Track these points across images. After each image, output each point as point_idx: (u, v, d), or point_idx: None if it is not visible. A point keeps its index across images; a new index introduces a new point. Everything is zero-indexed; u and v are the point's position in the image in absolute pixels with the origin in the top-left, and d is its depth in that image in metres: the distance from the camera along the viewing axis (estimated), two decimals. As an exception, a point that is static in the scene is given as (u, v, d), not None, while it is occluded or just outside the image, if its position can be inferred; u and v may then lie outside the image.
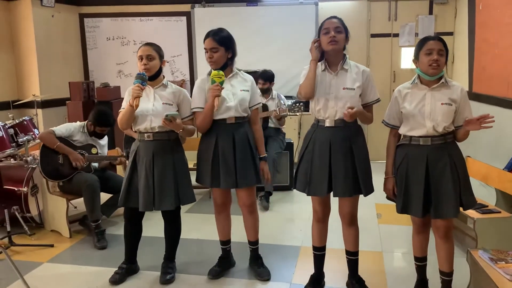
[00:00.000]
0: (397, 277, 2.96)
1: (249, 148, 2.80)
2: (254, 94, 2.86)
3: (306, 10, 6.18)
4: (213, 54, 2.72)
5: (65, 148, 3.69)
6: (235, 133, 2.77)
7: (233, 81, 2.81)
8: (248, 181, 2.80)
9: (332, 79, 2.53)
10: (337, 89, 2.50)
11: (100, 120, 3.80)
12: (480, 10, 5.02)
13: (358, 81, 2.50)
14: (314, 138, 2.59)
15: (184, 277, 3.01)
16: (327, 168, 2.52)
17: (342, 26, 2.49)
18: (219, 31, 2.75)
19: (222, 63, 2.75)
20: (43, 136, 3.72)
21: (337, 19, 2.51)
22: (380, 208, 4.28)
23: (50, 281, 3.01)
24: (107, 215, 3.90)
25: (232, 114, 2.76)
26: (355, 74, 2.52)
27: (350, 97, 2.48)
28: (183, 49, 6.55)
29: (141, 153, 2.82)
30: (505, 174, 3.23)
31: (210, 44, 2.72)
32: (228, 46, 2.74)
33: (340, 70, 2.53)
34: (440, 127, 2.34)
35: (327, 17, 2.55)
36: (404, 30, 6.20)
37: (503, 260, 2.29)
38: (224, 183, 2.79)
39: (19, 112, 5.80)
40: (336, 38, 2.45)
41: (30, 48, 5.88)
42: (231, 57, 2.79)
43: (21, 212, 3.79)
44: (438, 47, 2.32)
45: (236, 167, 2.76)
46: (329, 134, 2.53)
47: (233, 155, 2.76)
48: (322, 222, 2.72)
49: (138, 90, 2.65)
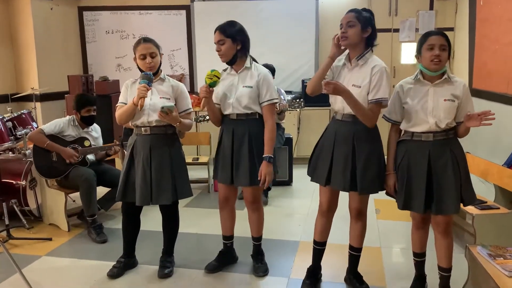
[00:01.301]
0: (396, 273, 2.96)
1: (247, 148, 2.72)
2: (263, 89, 2.71)
3: (306, 4, 6.14)
4: (220, 46, 2.69)
5: (56, 146, 3.66)
6: (235, 130, 2.76)
7: (242, 77, 2.76)
8: (240, 180, 2.76)
9: (347, 73, 2.48)
10: (348, 85, 2.41)
11: (80, 101, 3.75)
12: (481, 6, 5.00)
13: (366, 78, 2.41)
14: (328, 129, 2.61)
15: (182, 271, 3.01)
16: (329, 160, 2.52)
17: (357, 18, 2.39)
18: (227, 24, 2.72)
19: (231, 56, 2.71)
20: (32, 136, 3.69)
21: (352, 12, 2.44)
22: (379, 203, 4.28)
23: (48, 275, 3.00)
24: (105, 209, 3.90)
25: (231, 110, 2.75)
26: (368, 70, 2.41)
27: (356, 94, 2.38)
28: (182, 43, 6.51)
29: (138, 147, 2.81)
30: (505, 170, 3.23)
31: (217, 37, 2.70)
32: (235, 37, 2.69)
33: (354, 66, 2.46)
34: (442, 123, 2.33)
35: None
36: (405, 26, 6.18)
37: (501, 256, 2.29)
38: (221, 178, 2.82)
39: (18, 105, 5.78)
40: (346, 33, 2.40)
41: (28, 41, 5.85)
42: (241, 49, 2.72)
43: (20, 205, 3.78)
44: (440, 42, 2.29)
45: (232, 164, 2.75)
46: (337, 127, 2.53)
47: (231, 152, 2.76)
48: (326, 217, 2.68)
49: (144, 91, 2.62)
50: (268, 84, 2.73)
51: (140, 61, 2.74)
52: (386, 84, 2.40)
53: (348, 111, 2.45)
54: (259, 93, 2.73)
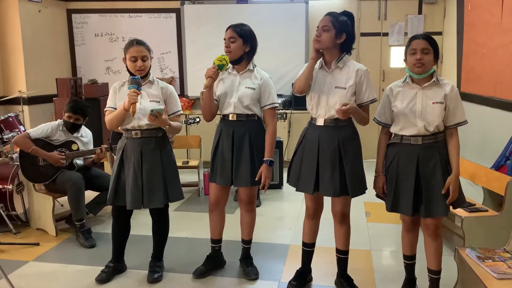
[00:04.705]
0: (386, 276, 2.96)
1: (248, 148, 2.74)
2: (265, 93, 2.75)
3: (296, 8, 6.17)
4: (231, 43, 2.70)
5: (41, 151, 3.59)
6: (235, 131, 2.75)
7: (243, 78, 2.77)
8: (241, 181, 2.77)
9: (327, 76, 2.51)
10: (330, 87, 2.48)
11: (67, 105, 3.72)
12: (468, 10, 5.06)
13: (351, 80, 2.46)
14: (307, 136, 2.60)
15: (172, 275, 2.99)
16: (314, 166, 2.52)
17: (332, 23, 2.43)
18: (241, 24, 2.75)
19: (238, 56, 2.73)
20: (17, 140, 3.62)
21: (329, 15, 2.47)
22: (369, 206, 4.29)
23: (35, 280, 2.96)
24: (94, 213, 3.85)
25: (232, 110, 2.74)
26: (350, 73, 2.47)
27: (341, 96, 2.45)
28: (172, 46, 6.49)
29: (128, 151, 2.78)
30: (492, 173, 3.26)
31: (229, 33, 2.71)
32: (246, 39, 2.72)
33: (334, 68, 2.50)
34: (431, 127, 2.34)
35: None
36: (394, 30, 6.23)
37: (490, 258, 2.31)
38: (220, 179, 2.80)
39: (5, 108, 5.70)
40: (320, 37, 2.44)
41: (16, 43, 5.78)
42: (249, 52, 2.75)
43: (6, 210, 3.72)
44: (422, 46, 2.31)
45: (233, 165, 2.75)
46: (319, 133, 2.53)
47: (231, 153, 2.75)
48: (313, 219, 2.72)
49: (134, 96, 2.58)
50: (270, 88, 2.78)
51: (130, 63, 2.71)
52: (372, 84, 2.53)
53: (330, 115, 2.48)
54: (261, 96, 2.76)
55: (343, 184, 2.48)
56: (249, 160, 2.74)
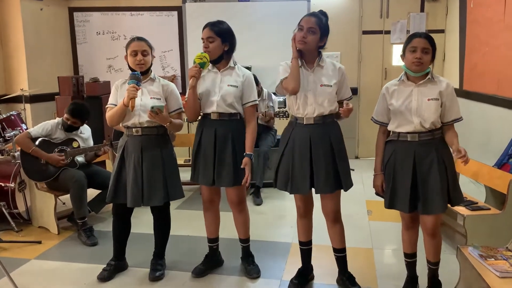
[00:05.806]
0: (388, 274, 2.96)
1: (231, 148, 2.71)
2: (247, 90, 2.75)
3: (298, 6, 6.14)
4: (209, 44, 2.68)
5: (41, 152, 3.59)
6: (217, 130, 2.72)
7: (225, 75, 2.76)
8: (223, 181, 2.73)
9: (309, 76, 2.51)
10: (315, 86, 2.49)
11: (73, 110, 3.71)
12: (471, 8, 5.04)
13: (334, 78, 2.50)
14: (294, 136, 2.57)
15: (173, 274, 2.99)
16: (308, 165, 2.52)
17: (319, 26, 2.43)
18: (219, 22, 2.72)
19: (218, 55, 2.71)
20: (19, 140, 3.63)
21: (315, 17, 2.45)
22: (371, 204, 4.28)
23: (37, 278, 2.97)
24: (96, 211, 3.86)
25: (215, 109, 2.71)
26: (331, 71, 2.51)
27: (328, 93, 2.48)
28: (174, 45, 6.48)
29: (129, 148, 2.78)
30: (495, 171, 3.25)
31: (207, 33, 2.69)
32: (225, 38, 2.69)
33: (316, 67, 2.52)
34: (427, 123, 2.35)
35: (307, 13, 2.52)
36: (396, 27, 6.21)
37: (492, 257, 2.30)
38: (202, 179, 2.78)
39: (7, 106, 5.70)
40: (306, 39, 2.42)
41: (18, 41, 5.78)
42: (228, 50, 2.73)
43: (8, 208, 3.73)
44: (422, 45, 2.31)
45: (215, 165, 2.73)
46: (309, 131, 2.52)
47: (213, 152, 2.73)
48: (306, 218, 2.73)
49: (134, 91, 2.59)
50: (252, 85, 2.79)
51: (131, 58, 2.72)
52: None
53: (319, 113, 2.49)
54: (243, 93, 2.74)
55: (337, 179, 2.51)
56: (231, 160, 2.71)
